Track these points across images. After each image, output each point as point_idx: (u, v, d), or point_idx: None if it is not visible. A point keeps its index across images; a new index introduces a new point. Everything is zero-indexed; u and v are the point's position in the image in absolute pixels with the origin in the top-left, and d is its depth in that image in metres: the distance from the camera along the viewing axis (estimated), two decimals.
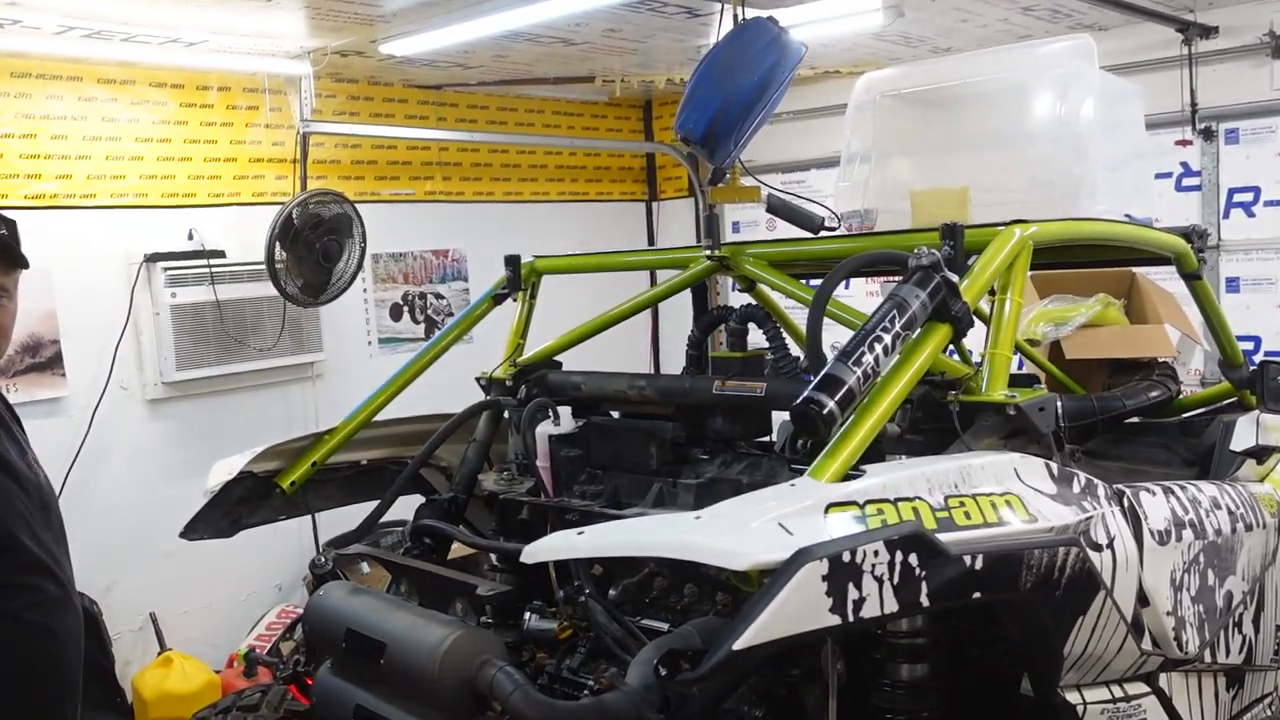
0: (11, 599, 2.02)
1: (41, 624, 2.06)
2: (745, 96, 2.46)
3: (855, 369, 1.86)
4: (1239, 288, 5.18)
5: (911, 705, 2.17)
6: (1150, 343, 3.81)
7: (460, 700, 1.93)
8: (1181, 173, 5.27)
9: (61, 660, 2.09)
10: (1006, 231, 2.28)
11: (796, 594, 1.59)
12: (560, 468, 2.65)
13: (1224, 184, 5.18)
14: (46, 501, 2.18)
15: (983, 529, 1.89)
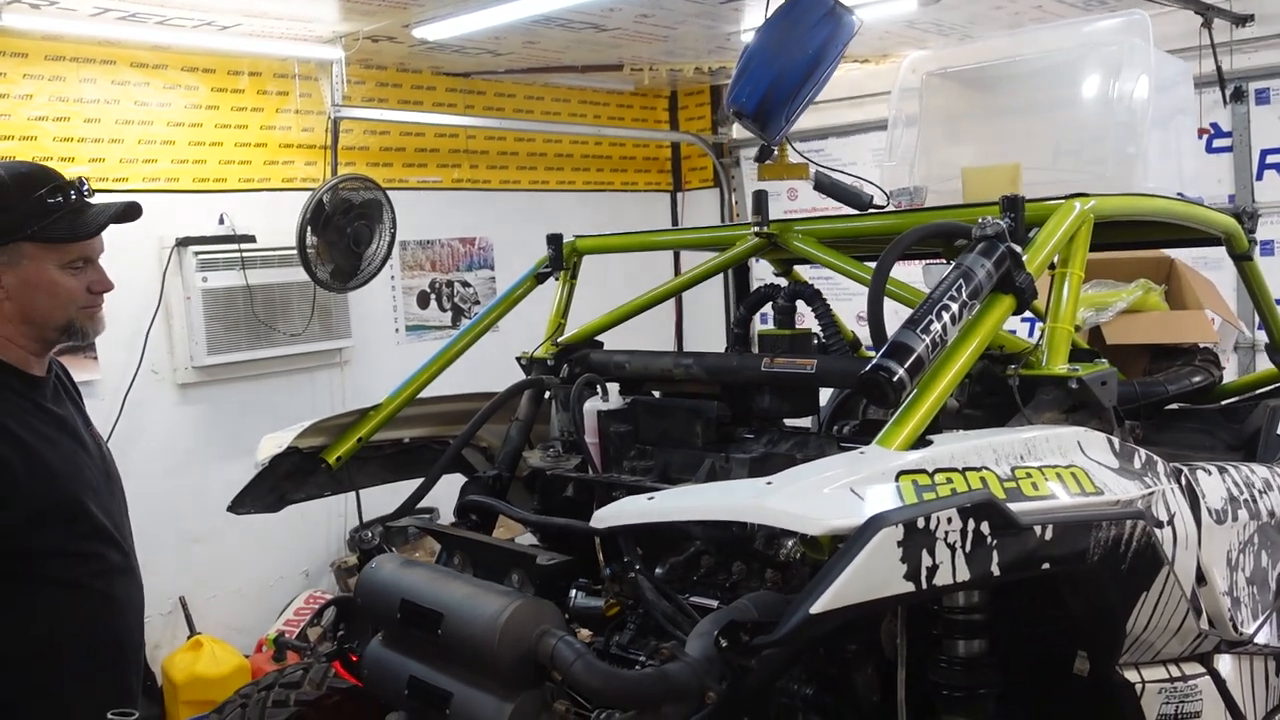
0: (76, 566, 2.03)
1: (104, 591, 2.07)
2: (798, 71, 2.44)
3: (924, 337, 1.84)
4: (1274, 250, 5.10)
5: (969, 681, 2.15)
6: (1191, 328, 3.77)
7: (520, 670, 1.92)
8: (1212, 134, 5.17)
9: (123, 627, 2.11)
10: (1067, 204, 2.25)
11: (871, 559, 1.57)
12: (609, 444, 2.64)
13: (1256, 145, 5.08)
14: (109, 471, 2.19)
15: (1049, 500, 1.87)
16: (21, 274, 2.05)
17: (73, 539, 2.03)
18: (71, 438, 2.15)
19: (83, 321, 2.15)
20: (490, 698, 1.96)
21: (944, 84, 2.98)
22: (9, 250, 2.05)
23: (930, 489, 1.73)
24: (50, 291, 2.08)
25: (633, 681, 1.81)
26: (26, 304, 2.05)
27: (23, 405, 2.07)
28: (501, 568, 2.29)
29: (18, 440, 1.99)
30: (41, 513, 1.98)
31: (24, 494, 1.95)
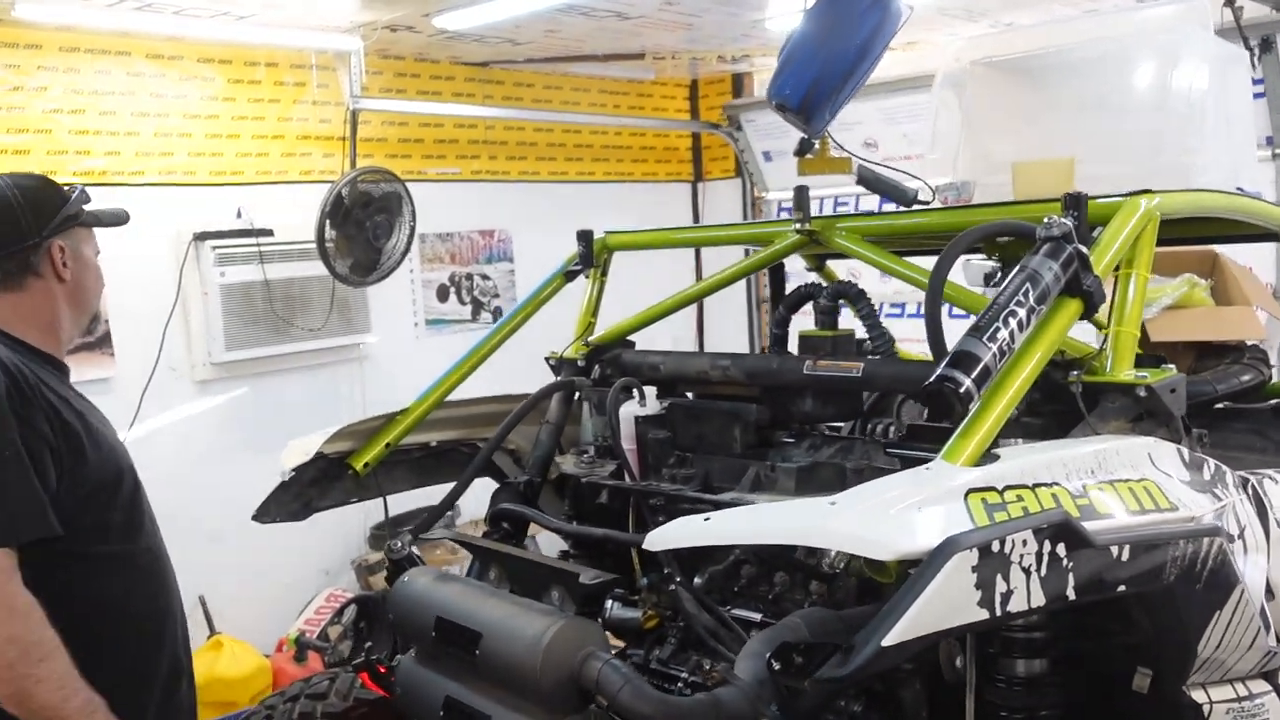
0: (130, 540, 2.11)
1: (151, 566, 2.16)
2: (845, 61, 2.33)
3: (990, 345, 1.74)
4: None
5: (1029, 702, 2.06)
6: (1239, 325, 3.65)
7: (562, 694, 1.83)
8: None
9: (169, 601, 2.18)
10: (1131, 202, 2.14)
11: (945, 586, 1.48)
12: (647, 450, 2.54)
13: None
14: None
15: (1124, 517, 1.77)
16: (80, 256, 2.18)
17: (126, 511, 2.09)
18: (104, 425, 2.19)
19: (97, 306, 2.33)
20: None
21: (990, 73, 2.86)
22: (71, 235, 2.16)
23: (1001, 508, 1.63)
24: (96, 275, 2.24)
25: (685, 710, 1.72)
26: (83, 286, 2.18)
27: (70, 391, 2.13)
28: (540, 584, 2.21)
29: (76, 413, 2.05)
30: (102, 484, 2.04)
31: (92, 462, 2.01)
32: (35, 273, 2.13)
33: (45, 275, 2.13)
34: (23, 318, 2.12)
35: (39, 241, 2.12)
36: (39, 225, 2.13)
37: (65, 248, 2.15)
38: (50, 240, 2.13)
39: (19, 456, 1.87)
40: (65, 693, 1.83)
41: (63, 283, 2.15)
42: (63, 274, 2.14)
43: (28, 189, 2.16)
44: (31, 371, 2.00)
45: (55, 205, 2.16)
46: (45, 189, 2.19)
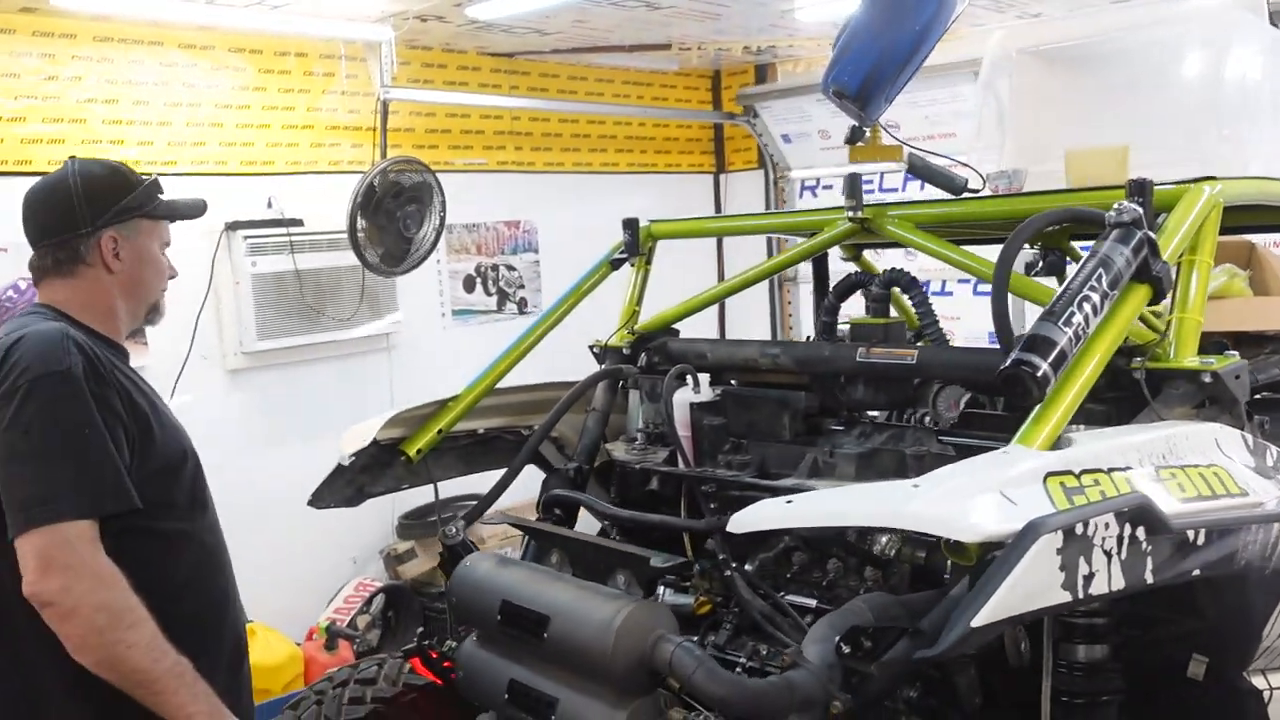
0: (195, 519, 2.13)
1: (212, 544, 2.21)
2: (904, 48, 2.33)
3: (1066, 329, 1.74)
4: None
5: (1090, 688, 2.07)
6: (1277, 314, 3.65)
7: (633, 677, 1.85)
8: None
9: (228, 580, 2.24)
10: (1196, 189, 2.15)
11: (1031, 568, 1.49)
12: (702, 437, 2.55)
13: None
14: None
15: (1197, 502, 1.78)
16: (137, 248, 2.16)
17: (189, 491, 2.13)
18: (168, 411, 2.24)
19: (162, 303, 2.31)
20: (600, 705, 1.89)
21: (1036, 61, 2.86)
22: (130, 225, 2.15)
23: (1079, 491, 1.64)
24: (157, 268, 2.22)
25: (759, 691, 1.73)
26: (136, 278, 2.17)
27: (133, 377, 2.14)
28: (605, 568, 2.21)
29: (143, 393, 2.09)
30: (168, 463, 2.07)
31: (159, 442, 2.04)
32: (85, 262, 2.12)
33: (95, 265, 2.13)
34: (80, 303, 2.13)
35: (90, 231, 2.11)
36: (92, 215, 2.12)
37: (119, 239, 2.14)
38: (102, 231, 2.12)
39: (100, 432, 1.90)
40: (155, 655, 1.86)
41: (112, 274, 2.14)
42: (112, 265, 2.13)
43: (90, 176, 2.15)
44: (103, 356, 2.02)
45: (115, 195, 2.15)
46: (109, 178, 2.17)
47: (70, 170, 2.16)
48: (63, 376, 1.91)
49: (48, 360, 1.92)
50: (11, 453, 1.88)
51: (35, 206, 2.16)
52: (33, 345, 1.95)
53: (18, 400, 1.89)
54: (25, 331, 1.98)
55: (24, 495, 1.85)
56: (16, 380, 1.90)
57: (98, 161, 2.23)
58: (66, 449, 1.88)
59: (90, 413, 1.91)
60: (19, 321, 2.09)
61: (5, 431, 1.89)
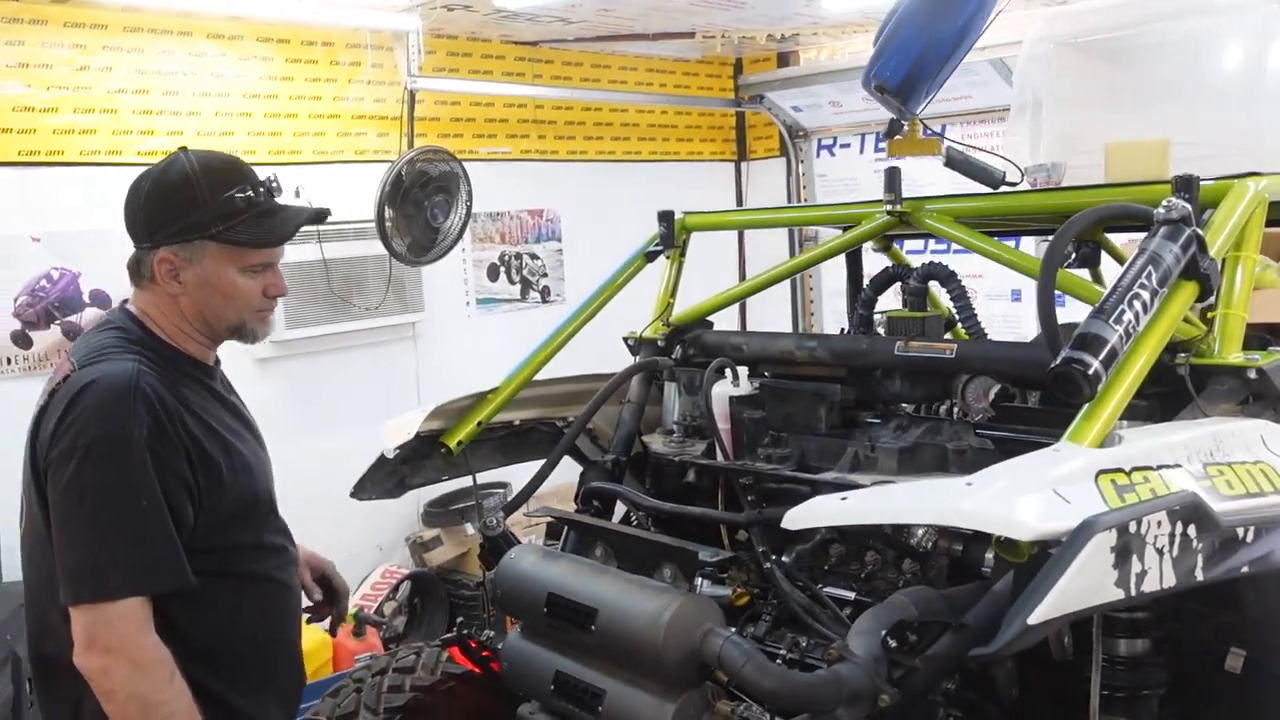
0: (267, 559, 2.04)
1: (287, 582, 2.10)
2: (947, 43, 2.33)
3: (1116, 327, 1.75)
4: None
5: (1132, 682, 2.08)
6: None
7: (683, 670, 1.86)
8: None
9: (298, 614, 2.18)
10: (1241, 185, 2.14)
11: (1086, 566, 1.50)
12: (741, 430, 2.56)
13: None
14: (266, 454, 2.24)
15: (1245, 499, 1.79)
16: (201, 273, 1.98)
17: (264, 532, 2.04)
18: (247, 427, 2.14)
19: (254, 324, 2.09)
20: (649, 697, 1.91)
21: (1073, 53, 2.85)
22: (192, 247, 1.97)
23: (1130, 489, 1.65)
24: (227, 293, 2.00)
25: (808, 684, 1.75)
26: (202, 302, 2.00)
27: (209, 398, 2.03)
28: (651, 561, 2.23)
29: (218, 436, 1.96)
30: (242, 508, 1.98)
31: (230, 491, 1.94)
32: (147, 277, 2.01)
33: (157, 281, 1.99)
34: (155, 315, 2.02)
35: (148, 248, 1.98)
36: (148, 230, 1.98)
37: (176, 261, 1.97)
38: (156, 251, 1.97)
39: (158, 505, 1.82)
40: None
41: (173, 295, 2.00)
42: (169, 287, 1.99)
43: (160, 186, 1.99)
44: (171, 392, 1.91)
45: (175, 212, 1.95)
46: (177, 187, 1.97)
47: (152, 173, 2.02)
48: (123, 441, 1.80)
49: (109, 420, 1.82)
50: (66, 517, 1.81)
51: (125, 201, 2.03)
52: (97, 398, 1.83)
53: (75, 462, 1.80)
54: (96, 376, 1.86)
55: (74, 565, 1.79)
56: (76, 439, 1.81)
57: (177, 169, 1.99)
58: (120, 521, 1.79)
59: (148, 483, 1.81)
60: (97, 342, 1.97)
61: (62, 494, 1.82)
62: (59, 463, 1.81)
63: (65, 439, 1.82)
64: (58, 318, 4.26)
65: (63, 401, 1.85)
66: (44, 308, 4.22)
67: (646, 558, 2.25)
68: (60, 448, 1.82)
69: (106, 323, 2.05)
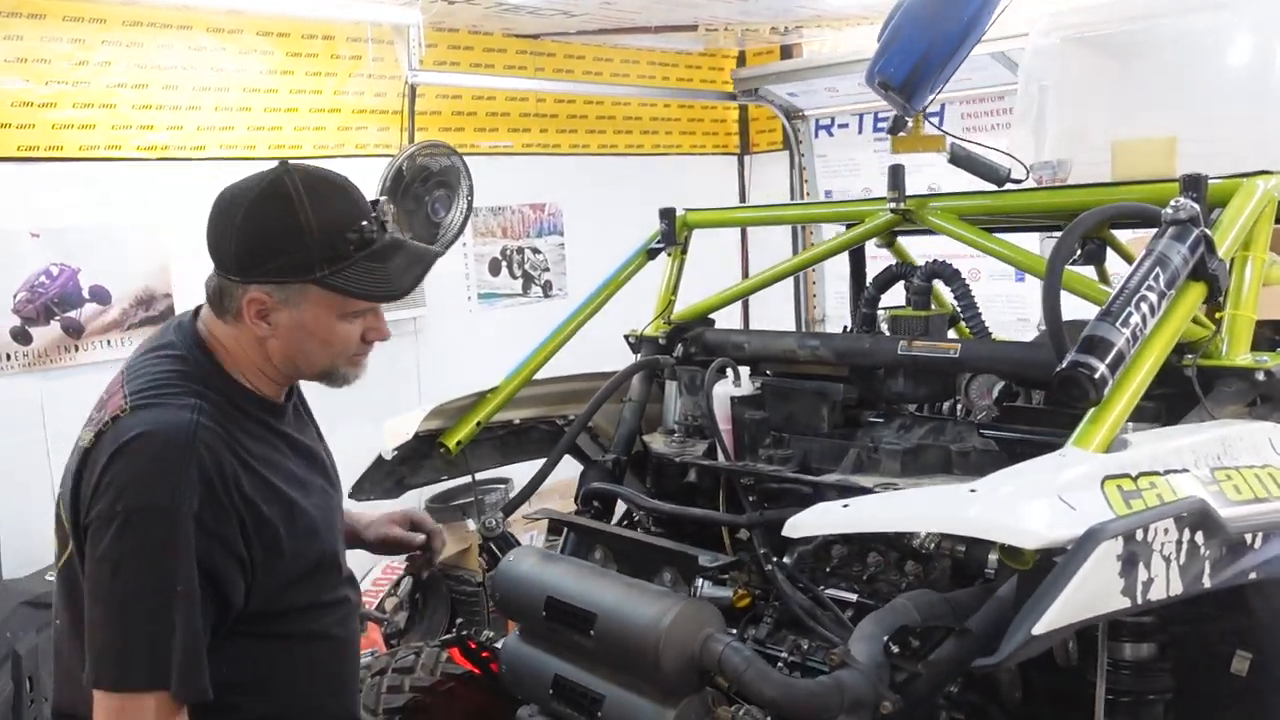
0: (325, 616, 1.85)
1: (344, 637, 1.91)
2: (952, 39, 2.30)
3: (1123, 330, 1.72)
4: None
5: (1137, 687, 2.06)
6: None
7: (683, 675, 1.84)
8: None
9: (357, 663, 1.99)
10: (1250, 184, 2.11)
11: (1092, 574, 1.48)
12: (743, 430, 2.54)
13: None
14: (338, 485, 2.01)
15: (1253, 504, 1.76)
16: (298, 316, 1.73)
17: (324, 590, 1.84)
18: (319, 471, 1.91)
19: (346, 369, 1.85)
20: (648, 702, 1.89)
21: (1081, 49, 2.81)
22: (290, 289, 1.71)
23: (1136, 495, 1.63)
24: (324, 339, 1.77)
25: (810, 692, 1.73)
26: (294, 347, 1.76)
27: (278, 445, 1.81)
28: (650, 565, 2.21)
29: (280, 496, 1.75)
30: (300, 573, 1.78)
31: (289, 559, 1.75)
32: (230, 312, 1.76)
33: (242, 321, 1.75)
34: (231, 347, 1.78)
35: (237, 282, 1.72)
36: (239, 264, 1.71)
37: (269, 302, 1.71)
38: (248, 287, 1.71)
39: (192, 595, 1.61)
40: None
41: (262, 339, 1.76)
42: (256, 327, 1.74)
43: (259, 213, 1.71)
44: (230, 447, 1.69)
45: (276, 248, 1.69)
46: (282, 222, 1.69)
47: (247, 192, 1.74)
48: (167, 515, 1.60)
49: (155, 489, 1.61)
50: (97, 590, 1.63)
51: (210, 218, 1.79)
52: (146, 459, 1.63)
53: (114, 530, 1.60)
54: (147, 429, 1.65)
55: (100, 646, 1.62)
56: (115, 503, 1.61)
57: (293, 185, 1.72)
58: (150, 607, 1.60)
59: (188, 568, 1.61)
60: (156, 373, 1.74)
61: (97, 562, 1.62)
62: (98, 526, 1.63)
63: (105, 499, 1.62)
64: (57, 313, 4.24)
65: (108, 450, 1.65)
66: (43, 303, 4.20)
67: (646, 561, 2.23)
68: (100, 509, 1.63)
69: (169, 345, 1.80)
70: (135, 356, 1.83)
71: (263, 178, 1.75)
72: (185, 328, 1.82)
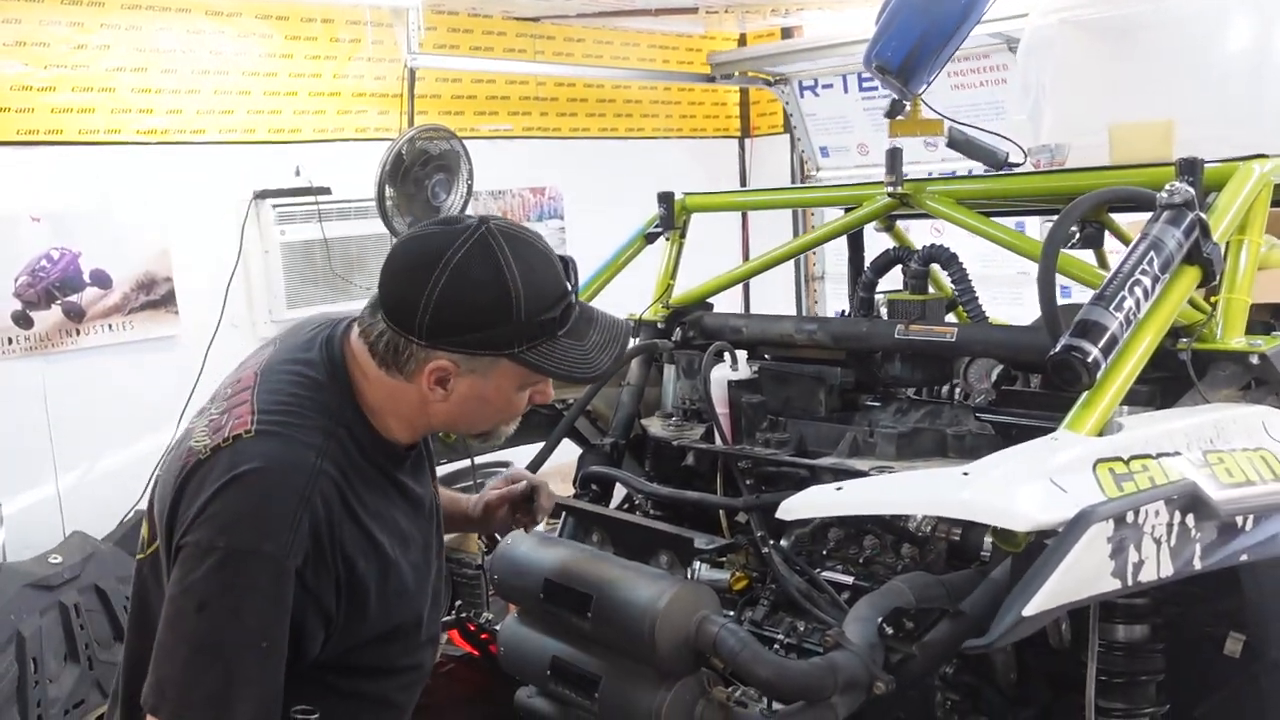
0: (387, 680, 1.75)
1: (401, 704, 1.80)
2: (948, 23, 2.30)
3: (1116, 314, 1.73)
4: None
5: (1130, 668, 2.08)
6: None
7: (678, 657, 1.86)
8: None
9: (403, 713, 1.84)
10: (1246, 167, 2.12)
11: (1082, 556, 1.49)
12: (740, 414, 2.55)
13: None
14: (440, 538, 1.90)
15: (1245, 487, 1.78)
16: (481, 389, 1.63)
17: (397, 655, 1.74)
18: (423, 521, 1.80)
19: (501, 429, 1.78)
20: (644, 683, 1.90)
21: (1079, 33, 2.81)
22: (483, 361, 1.60)
23: (1128, 478, 1.64)
24: (500, 408, 1.69)
25: (803, 673, 1.74)
26: (463, 414, 1.68)
27: (390, 493, 1.70)
28: (647, 548, 2.23)
29: (379, 553, 1.64)
30: (378, 637, 1.68)
31: (372, 621, 1.65)
32: (400, 370, 1.61)
33: (414, 383, 1.62)
34: (383, 401, 1.66)
35: (421, 345, 1.58)
36: (431, 329, 1.56)
37: (454, 371, 1.60)
38: (434, 353, 1.58)
39: (278, 651, 1.53)
40: None
41: (431, 402, 1.64)
42: (430, 393, 1.62)
43: (467, 284, 1.55)
44: (343, 495, 1.59)
45: (481, 323, 1.56)
46: (492, 298, 1.55)
47: (452, 249, 1.56)
48: (270, 566, 1.50)
49: (262, 534, 1.51)
50: (176, 620, 1.52)
51: (393, 263, 1.64)
52: (258, 498, 1.53)
53: (209, 564, 1.50)
54: (265, 464, 1.54)
55: (164, 675, 1.52)
56: (217, 537, 1.51)
57: (505, 260, 1.55)
58: (230, 655, 1.50)
59: (279, 621, 1.52)
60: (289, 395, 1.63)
61: (183, 592, 1.51)
62: (192, 553, 1.52)
63: (207, 528, 1.52)
64: (58, 297, 4.25)
65: (222, 474, 1.54)
66: (44, 287, 4.22)
67: (643, 544, 2.25)
68: (198, 536, 1.52)
69: (311, 364, 1.67)
70: (276, 358, 1.71)
71: (463, 236, 1.58)
72: (334, 346, 1.68)
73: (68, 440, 4.24)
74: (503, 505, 2.11)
